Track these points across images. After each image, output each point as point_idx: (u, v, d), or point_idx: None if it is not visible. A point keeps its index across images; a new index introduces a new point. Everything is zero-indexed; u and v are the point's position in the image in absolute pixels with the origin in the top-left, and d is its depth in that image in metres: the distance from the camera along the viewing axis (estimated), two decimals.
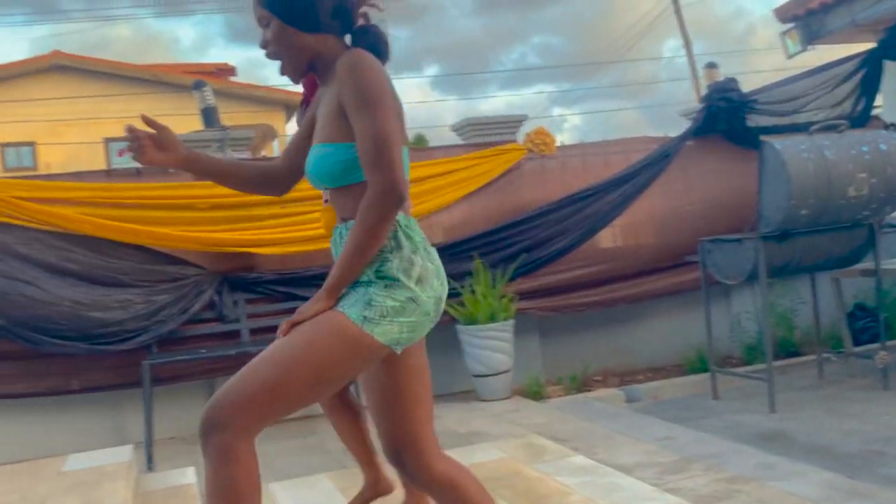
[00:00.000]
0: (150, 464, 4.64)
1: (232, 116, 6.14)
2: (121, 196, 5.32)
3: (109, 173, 5.57)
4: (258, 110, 15.82)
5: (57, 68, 16.08)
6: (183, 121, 12.71)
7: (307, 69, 2.04)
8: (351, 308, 1.91)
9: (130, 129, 2.10)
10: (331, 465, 4.35)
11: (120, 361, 5.20)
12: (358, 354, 1.91)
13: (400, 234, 1.96)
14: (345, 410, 3.15)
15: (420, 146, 9.79)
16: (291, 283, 5.61)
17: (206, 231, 5.42)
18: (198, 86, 5.93)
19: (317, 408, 5.65)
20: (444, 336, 5.88)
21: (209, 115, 5.83)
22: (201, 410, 1.86)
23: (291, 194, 5.52)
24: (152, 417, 4.89)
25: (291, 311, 5.51)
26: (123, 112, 15.52)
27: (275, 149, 16.14)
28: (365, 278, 1.96)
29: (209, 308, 5.40)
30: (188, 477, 3.68)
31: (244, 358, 5.27)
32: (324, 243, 5.71)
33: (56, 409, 5.22)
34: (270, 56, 2.04)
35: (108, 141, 16.06)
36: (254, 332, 5.47)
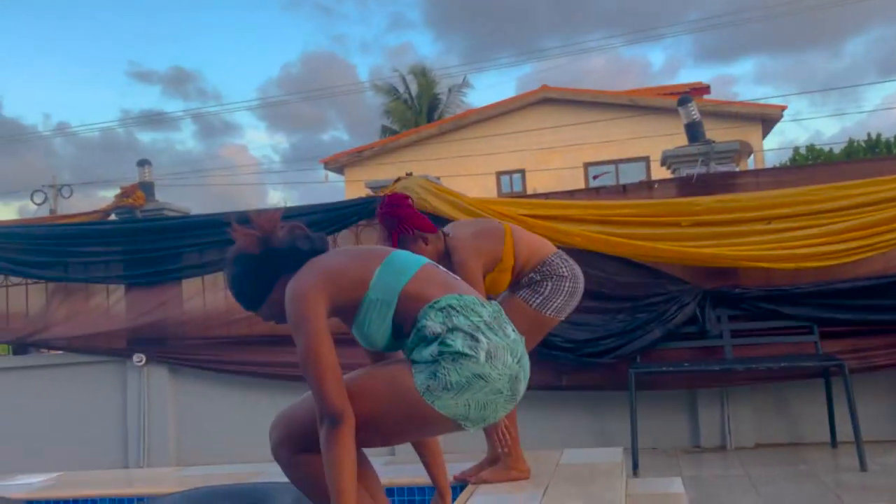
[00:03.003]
0: (635, 469, 4.78)
1: (708, 133, 6.08)
2: (607, 213, 5.60)
3: (599, 191, 5.91)
4: (733, 126, 15.44)
5: (544, 101, 17.62)
6: (657, 141, 13.00)
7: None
8: (419, 373, 2.02)
9: None
10: (826, 496, 4.02)
11: (605, 365, 5.46)
12: (415, 417, 2.02)
13: (454, 315, 2.04)
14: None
15: None
16: (777, 300, 5.34)
17: (690, 246, 5.43)
18: (683, 102, 6.00)
19: (805, 435, 5.34)
20: None
21: (694, 130, 5.86)
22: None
23: (779, 210, 5.33)
24: (637, 425, 5.04)
25: (776, 330, 5.27)
26: (603, 137, 16.41)
27: (749, 164, 15.59)
28: (427, 355, 2.02)
29: (691, 322, 5.40)
30: (675, 486, 3.70)
31: (727, 375, 5.18)
32: (812, 262, 5.35)
33: (550, 406, 5.68)
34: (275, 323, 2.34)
35: (587, 165, 17.11)
36: (738, 348, 5.33)
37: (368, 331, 2.14)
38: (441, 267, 2.28)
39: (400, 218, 3.23)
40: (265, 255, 2.25)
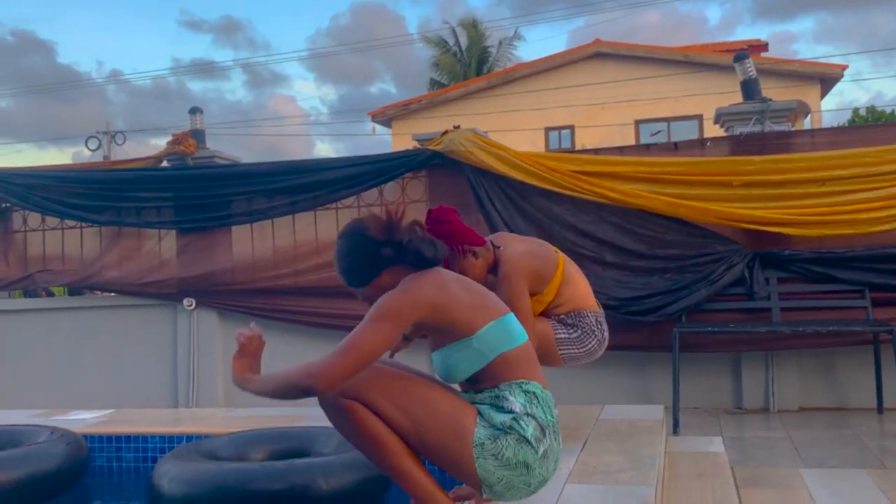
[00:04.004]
0: (675, 427, 4.78)
1: (765, 93, 5.91)
2: (658, 171, 5.51)
3: (649, 148, 5.81)
4: (791, 85, 15.02)
5: (597, 56, 17.30)
6: (710, 100, 12.71)
7: None
8: (485, 427, 2.10)
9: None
10: (869, 461, 3.98)
11: (649, 325, 5.44)
12: (452, 455, 2.08)
13: (535, 403, 2.12)
14: None
15: None
16: (829, 264, 5.24)
17: (740, 207, 5.34)
18: (739, 58, 5.85)
19: (851, 400, 5.28)
20: None
21: (750, 87, 5.71)
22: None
23: (834, 171, 5.20)
24: (679, 384, 5.03)
25: (826, 294, 5.18)
26: (655, 94, 16.11)
27: (806, 124, 15.19)
28: (499, 421, 2.09)
29: (738, 283, 5.34)
30: (716, 445, 3.71)
31: (774, 338, 5.13)
32: (867, 227, 5.21)
33: (592, 363, 5.67)
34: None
35: (638, 122, 16.83)
36: (785, 311, 5.25)
37: (454, 366, 2.20)
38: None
39: (447, 234, 3.12)
40: (386, 243, 2.26)
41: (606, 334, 3.51)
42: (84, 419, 4.44)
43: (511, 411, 2.12)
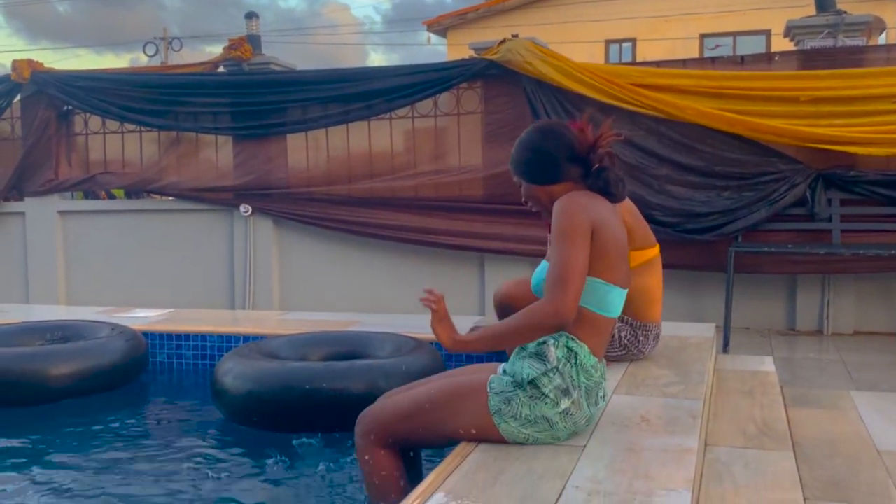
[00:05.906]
0: (726, 346, 4.77)
1: (840, 6, 5.62)
2: (722, 85, 5.33)
3: (714, 61, 5.61)
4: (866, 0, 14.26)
5: None
6: (779, 13, 12.15)
7: None
8: (495, 394, 2.15)
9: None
10: None
11: (704, 244, 5.37)
12: (476, 426, 2.15)
13: (571, 363, 2.13)
14: None
15: None
16: (895, 186, 5.07)
17: (806, 125, 5.16)
18: None
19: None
20: None
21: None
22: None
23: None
24: (731, 304, 4.99)
25: (890, 217, 5.03)
26: (722, 7, 15.46)
27: (881, 40, 14.47)
28: (525, 374, 2.12)
29: (799, 204, 5.21)
30: (766, 365, 3.69)
31: (832, 260, 5.02)
32: None
33: None
34: (530, 206, 2.35)
35: (702, 37, 16.23)
36: (846, 233, 5.13)
37: (542, 282, 2.20)
38: None
39: None
40: (580, 161, 2.24)
41: (652, 346, 3.26)
42: (145, 317, 4.61)
43: (543, 357, 2.14)
